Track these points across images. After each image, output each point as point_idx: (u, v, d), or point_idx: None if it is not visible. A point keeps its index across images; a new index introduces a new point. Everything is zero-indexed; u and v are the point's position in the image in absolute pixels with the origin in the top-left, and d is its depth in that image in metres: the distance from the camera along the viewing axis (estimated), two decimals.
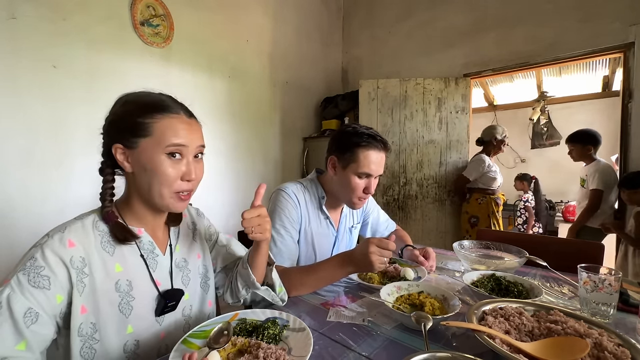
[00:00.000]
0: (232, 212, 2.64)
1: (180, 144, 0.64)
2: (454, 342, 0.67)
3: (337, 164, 1.05)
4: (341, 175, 1.05)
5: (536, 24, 2.46)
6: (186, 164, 0.66)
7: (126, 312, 0.65)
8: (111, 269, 0.64)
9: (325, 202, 1.13)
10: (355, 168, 1.01)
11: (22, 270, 0.56)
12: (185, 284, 0.76)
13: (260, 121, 2.88)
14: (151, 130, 0.62)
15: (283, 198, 1.06)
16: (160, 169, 0.63)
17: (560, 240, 1.59)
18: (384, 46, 3.34)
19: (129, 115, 0.64)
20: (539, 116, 4.34)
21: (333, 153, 1.07)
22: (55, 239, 0.59)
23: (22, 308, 0.53)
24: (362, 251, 0.87)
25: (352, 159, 1.01)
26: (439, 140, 2.82)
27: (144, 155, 0.63)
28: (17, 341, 0.53)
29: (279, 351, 0.57)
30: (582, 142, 2.36)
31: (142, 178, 0.64)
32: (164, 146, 0.63)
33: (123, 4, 1.95)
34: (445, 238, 2.82)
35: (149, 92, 0.69)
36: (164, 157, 0.63)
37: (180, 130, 0.64)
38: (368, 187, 1.03)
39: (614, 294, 0.74)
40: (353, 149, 1.01)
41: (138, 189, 0.67)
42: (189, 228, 0.84)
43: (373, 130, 1.04)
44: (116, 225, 0.65)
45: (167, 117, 0.64)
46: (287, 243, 1.04)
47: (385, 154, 1.05)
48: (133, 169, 0.65)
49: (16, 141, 1.60)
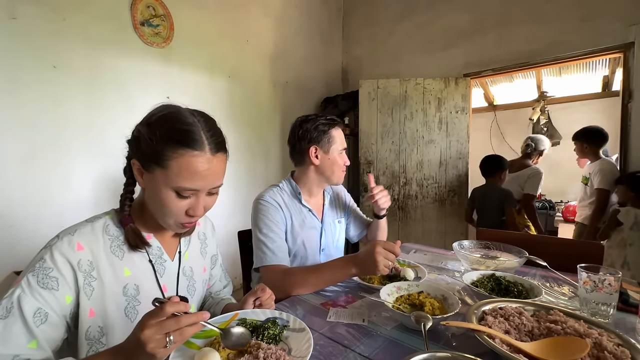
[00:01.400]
0: (232, 212, 2.64)
1: (192, 189, 0.61)
2: (453, 342, 0.67)
3: (319, 151, 1.13)
4: (325, 160, 1.14)
5: (536, 24, 2.46)
6: (194, 201, 0.63)
7: (132, 317, 0.66)
8: (120, 273, 0.65)
9: (302, 196, 1.18)
10: (337, 148, 1.14)
11: (31, 272, 0.57)
12: (190, 294, 0.77)
13: (260, 121, 2.88)
14: (167, 164, 0.59)
15: (263, 206, 1.10)
16: (165, 203, 0.61)
17: (560, 240, 1.59)
18: (384, 46, 3.34)
19: (151, 140, 0.60)
20: (539, 116, 4.33)
21: (311, 144, 1.13)
22: (64, 241, 0.60)
23: (32, 308, 0.55)
24: (368, 252, 0.86)
25: (331, 141, 1.13)
26: (439, 140, 2.82)
27: (155, 183, 0.61)
28: (28, 340, 0.54)
29: (279, 351, 0.57)
30: (590, 139, 2.32)
31: (150, 199, 0.65)
32: (175, 186, 0.60)
33: (123, 4, 1.95)
34: (445, 238, 2.82)
35: (183, 115, 0.62)
36: (172, 194, 0.61)
37: (197, 174, 0.60)
38: (345, 160, 1.18)
39: (613, 294, 0.74)
40: (327, 131, 1.12)
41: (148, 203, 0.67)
42: (199, 239, 0.85)
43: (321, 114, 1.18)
44: (130, 230, 0.66)
45: (188, 154, 0.59)
46: (278, 243, 1.06)
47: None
48: (145, 187, 0.65)
49: (16, 141, 1.60)
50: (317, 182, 1.19)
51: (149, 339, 0.45)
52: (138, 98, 2.00)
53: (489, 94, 4.62)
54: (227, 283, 0.99)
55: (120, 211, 0.67)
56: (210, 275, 0.90)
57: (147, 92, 2.06)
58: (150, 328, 0.45)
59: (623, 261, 2.04)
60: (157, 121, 0.62)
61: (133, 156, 0.64)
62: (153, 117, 0.63)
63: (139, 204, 0.69)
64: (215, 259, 0.91)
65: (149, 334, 0.45)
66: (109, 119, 1.90)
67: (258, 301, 0.76)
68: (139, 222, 0.69)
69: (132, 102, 1.97)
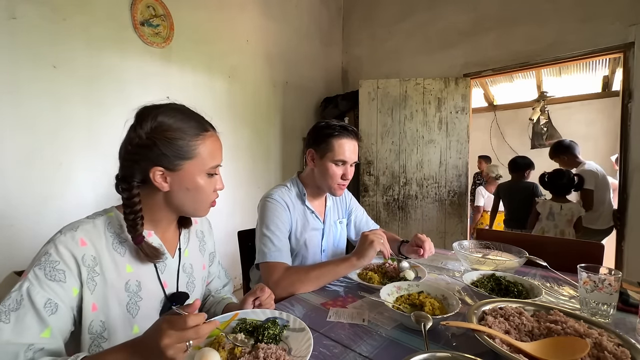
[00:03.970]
0: (232, 211, 2.64)
1: (219, 165, 0.70)
2: (454, 342, 0.67)
3: (315, 155, 1.13)
4: (320, 165, 1.12)
5: (536, 24, 2.46)
6: (218, 177, 0.72)
7: (133, 312, 0.66)
8: (122, 269, 0.65)
9: (306, 197, 1.18)
10: (331, 156, 1.09)
11: (37, 266, 0.57)
12: (190, 291, 0.78)
13: (260, 121, 2.88)
14: (196, 153, 0.66)
15: (271, 204, 1.10)
16: (202, 189, 0.68)
17: (560, 241, 1.59)
18: (384, 46, 3.34)
19: (170, 140, 0.63)
20: (539, 116, 4.33)
21: (311, 146, 1.15)
22: (67, 236, 0.61)
23: (42, 299, 0.55)
24: (361, 239, 0.99)
25: (327, 149, 1.10)
26: (439, 140, 2.82)
27: (187, 176, 0.66)
28: (41, 329, 0.55)
29: (279, 351, 0.57)
30: (564, 151, 2.60)
31: (179, 195, 0.67)
32: (208, 168, 0.68)
33: (123, 4, 1.95)
34: (445, 238, 2.82)
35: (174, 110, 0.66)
36: (205, 178, 0.68)
37: (217, 151, 0.70)
38: (345, 174, 1.12)
39: (613, 294, 0.74)
40: (327, 139, 1.09)
41: (167, 202, 0.68)
42: (197, 237, 0.85)
43: (344, 123, 1.14)
44: (146, 246, 0.66)
45: (207, 137, 0.68)
46: (283, 242, 1.07)
47: (357, 143, 1.14)
48: (171, 188, 0.66)
49: (16, 141, 1.60)
50: (317, 185, 1.18)
51: (169, 346, 0.47)
52: (138, 98, 1.99)
53: (489, 94, 4.63)
54: (228, 282, 0.99)
55: (134, 230, 0.64)
56: (209, 272, 0.91)
57: (146, 92, 2.06)
58: (171, 337, 0.47)
59: None
60: (164, 122, 0.64)
61: (152, 165, 0.63)
62: (153, 122, 0.63)
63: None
64: (213, 256, 0.92)
65: (169, 342, 0.47)
66: (108, 119, 1.90)
67: (258, 301, 0.76)
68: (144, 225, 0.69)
69: (132, 102, 1.93)
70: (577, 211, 2.26)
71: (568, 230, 2.29)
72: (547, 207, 2.35)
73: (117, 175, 0.66)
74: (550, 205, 2.34)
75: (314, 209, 1.19)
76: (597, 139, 4.50)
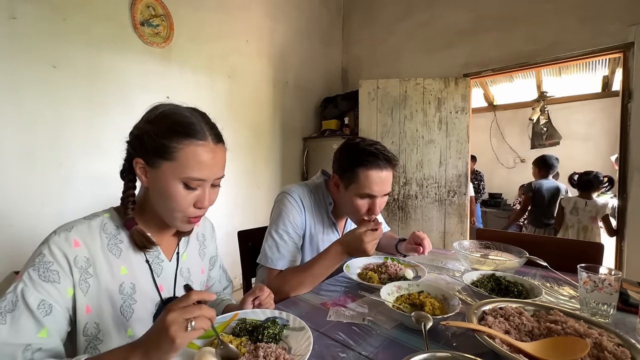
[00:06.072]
0: (232, 212, 2.64)
1: (200, 178, 0.63)
2: (454, 342, 0.67)
3: (340, 182, 1.00)
4: (344, 195, 1.00)
5: (536, 24, 2.46)
6: (201, 192, 0.65)
7: (127, 315, 0.65)
8: (117, 271, 0.65)
9: (332, 209, 1.09)
10: (356, 189, 0.95)
11: (32, 267, 0.57)
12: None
13: (260, 121, 2.88)
14: (175, 156, 0.61)
15: (289, 202, 1.03)
16: (174, 196, 0.63)
17: (560, 240, 1.59)
18: (383, 46, 3.34)
19: (156, 135, 0.61)
20: (539, 116, 4.33)
21: (335, 172, 1.02)
22: (61, 237, 0.60)
23: (36, 300, 0.55)
24: (351, 232, 0.92)
25: (352, 180, 0.96)
26: (439, 140, 2.82)
27: (163, 177, 0.62)
28: (37, 330, 0.55)
29: (278, 350, 0.57)
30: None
31: (156, 196, 0.65)
32: (183, 176, 0.62)
33: (123, 4, 1.95)
34: (445, 238, 2.82)
35: (182, 110, 0.65)
36: (180, 186, 0.62)
37: (203, 163, 0.62)
38: (372, 209, 0.97)
39: (613, 294, 0.74)
40: (354, 169, 0.95)
41: (151, 203, 0.67)
42: (198, 240, 0.84)
43: (379, 146, 0.96)
44: (136, 232, 0.66)
45: (193, 144, 0.62)
46: (290, 249, 1.02)
47: (391, 171, 0.97)
48: (149, 185, 0.65)
49: (16, 141, 1.60)
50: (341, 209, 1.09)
51: (173, 321, 0.48)
52: (138, 98, 2.00)
53: (489, 94, 4.63)
54: (228, 284, 0.98)
55: (124, 214, 0.67)
56: (209, 276, 0.90)
57: (147, 92, 2.06)
58: (175, 311, 0.49)
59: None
60: (159, 117, 0.64)
61: (135, 155, 0.64)
62: (152, 114, 0.64)
63: (139, 205, 0.69)
64: (214, 260, 0.91)
65: (173, 317, 0.48)
66: (109, 119, 1.90)
67: (257, 301, 0.76)
68: (139, 221, 0.69)
69: (132, 102, 1.97)
70: (601, 209, 2.33)
71: (591, 226, 2.37)
72: (572, 202, 2.45)
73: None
74: (575, 200, 2.43)
75: (335, 222, 1.12)
76: (596, 139, 4.50)
